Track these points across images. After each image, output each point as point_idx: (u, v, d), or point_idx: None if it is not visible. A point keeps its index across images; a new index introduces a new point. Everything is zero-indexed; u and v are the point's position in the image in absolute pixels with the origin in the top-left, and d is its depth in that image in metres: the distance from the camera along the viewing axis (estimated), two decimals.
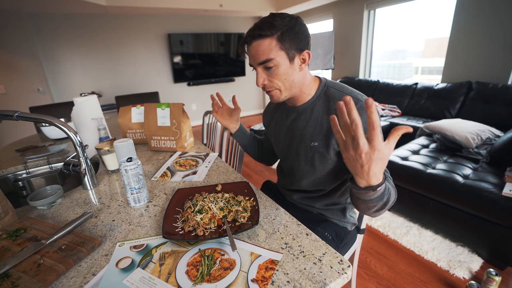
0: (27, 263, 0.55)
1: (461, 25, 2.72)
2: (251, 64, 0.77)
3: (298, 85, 0.78)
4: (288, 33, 0.70)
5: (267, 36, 0.70)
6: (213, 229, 0.64)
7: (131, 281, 0.51)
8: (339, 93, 0.78)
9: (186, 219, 0.66)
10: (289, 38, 0.70)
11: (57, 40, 3.71)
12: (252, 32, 0.71)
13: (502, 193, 1.37)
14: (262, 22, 0.71)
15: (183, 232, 0.63)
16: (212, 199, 0.73)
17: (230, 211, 0.69)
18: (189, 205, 0.71)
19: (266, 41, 0.70)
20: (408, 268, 1.47)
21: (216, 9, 4.10)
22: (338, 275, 0.51)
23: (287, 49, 0.71)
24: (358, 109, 0.71)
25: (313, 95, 0.82)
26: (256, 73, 0.77)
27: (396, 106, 3.15)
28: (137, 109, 1.39)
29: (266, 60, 0.72)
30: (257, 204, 0.74)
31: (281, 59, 0.72)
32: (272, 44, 0.70)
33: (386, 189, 0.60)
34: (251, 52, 0.74)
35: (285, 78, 0.75)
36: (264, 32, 0.69)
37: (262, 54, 0.71)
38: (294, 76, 0.76)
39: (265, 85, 0.77)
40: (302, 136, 0.84)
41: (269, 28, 0.69)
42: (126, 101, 2.69)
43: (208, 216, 0.66)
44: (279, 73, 0.74)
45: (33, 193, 0.82)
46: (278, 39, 0.70)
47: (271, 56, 0.71)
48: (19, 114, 0.78)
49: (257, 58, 0.73)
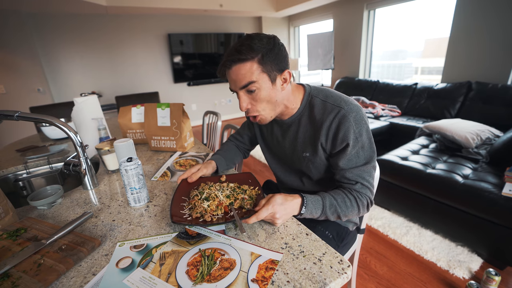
0: (28, 263, 0.55)
1: (461, 25, 2.72)
2: (232, 89, 0.74)
3: (282, 102, 0.77)
4: (268, 55, 0.68)
5: (247, 60, 0.68)
6: (220, 215, 0.67)
7: (131, 281, 0.51)
8: (323, 103, 0.77)
9: (193, 206, 0.68)
10: (270, 60, 0.69)
11: (57, 40, 3.71)
12: (231, 57, 0.68)
13: (502, 193, 1.37)
14: (241, 44, 0.68)
15: (190, 218, 0.65)
16: (218, 187, 0.76)
17: (236, 199, 0.72)
18: (195, 193, 0.74)
19: (246, 64, 0.68)
20: (408, 268, 1.47)
21: (216, 9, 4.10)
22: (338, 275, 0.51)
23: (269, 71, 0.70)
24: (340, 118, 0.72)
25: (299, 107, 0.81)
26: (238, 97, 0.74)
27: (396, 106, 3.15)
28: (137, 109, 1.39)
29: (248, 83, 0.70)
30: (262, 192, 0.77)
31: (263, 82, 0.70)
32: (253, 67, 0.68)
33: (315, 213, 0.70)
34: (231, 77, 0.71)
35: (268, 100, 0.73)
36: (244, 56, 0.67)
37: (243, 78, 0.69)
38: (277, 96, 0.74)
39: (248, 109, 0.76)
40: (294, 148, 0.86)
41: (249, 52, 0.67)
42: (126, 101, 2.70)
43: (215, 203, 0.69)
44: (262, 95, 0.72)
45: (33, 193, 0.82)
46: (259, 62, 0.68)
47: (253, 78, 0.69)
48: (19, 114, 0.78)
49: (238, 82, 0.71)
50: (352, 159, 0.74)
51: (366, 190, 0.74)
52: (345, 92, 3.85)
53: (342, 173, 0.75)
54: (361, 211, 0.74)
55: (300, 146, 0.83)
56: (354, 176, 0.74)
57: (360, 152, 0.73)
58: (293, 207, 0.67)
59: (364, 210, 0.75)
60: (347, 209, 0.72)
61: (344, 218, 0.74)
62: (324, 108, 0.76)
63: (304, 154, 0.83)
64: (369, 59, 4.00)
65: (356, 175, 0.74)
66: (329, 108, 0.75)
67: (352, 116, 0.72)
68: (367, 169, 0.74)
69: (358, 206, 0.73)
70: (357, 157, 0.74)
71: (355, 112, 0.73)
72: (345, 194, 0.73)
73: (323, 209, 0.70)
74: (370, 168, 0.75)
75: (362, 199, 0.73)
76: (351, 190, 0.74)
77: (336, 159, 0.76)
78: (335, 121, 0.73)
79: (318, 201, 0.70)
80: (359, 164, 0.74)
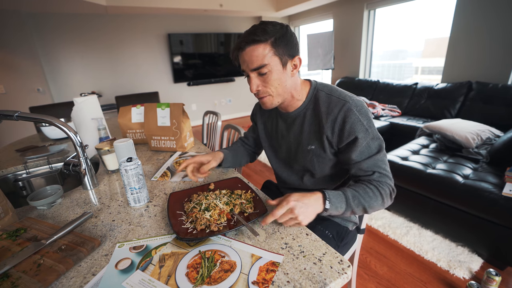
0: (27, 263, 0.55)
1: (461, 25, 2.72)
2: (244, 70, 0.76)
3: (290, 90, 0.79)
4: (281, 39, 0.71)
5: (261, 42, 0.70)
6: (224, 223, 0.66)
7: (130, 284, 0.50)
8: (328, 96, 0.79)
9: (195, 219, 0.67)
10: (282, 44, 0.71)
11: (57, 40, 3.71)
12: (245, 38, 0.71)
13: (502, 193, 1.37)
14: (255, 28, 0.71)
15: (196, 232, 0.63)
16: (214, 196, 0.75)
17: (235, 205, 0.72)
18: (192, 205, 0.71)
19: (260, 46, 0.70)
20: (408, 268, 1.46)
21: (216, 9, 4.10)
22: (338, 275, 0.50)
23: (280, 54, 0.72)
24: (346, 110, 0.73)
25: (304, 100, 0.83)
26: (249, 80, 0.76)
27: (396, 106, 3.15)
28: (137, 109, 1.39)
29: (260, 66, 0.72)
30: (256, 194, 0.77)
31: (274, 65, 0.72)
32: (266, 49, 0.70)
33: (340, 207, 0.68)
34: (244, 58, 0.73)
35: (278, 83, 0.75)
36: (258, 37, 0.69)
37: (256, 59, 0.71)
38: (286, 81, 0.76)
39: (259, 91, 0.77)
40: (298, 142, 0.85)
41: (263, 34, 0.69)
42: (126, 101, 2.69)
43: (216, 212, 0.68)
44: (273, 78, 0.74)
45: (33, 193, 0.82)
46: (272, 45, 0.70)
47: (265, 61, 0.71)
48: (19, 114, 0.78)
49: (251, 64, 0.72)
50: (364, 150, 0.74)
51: (385, 178, 0.74)
52: None
53: (357, 166, 0.75)
54: (385, 200, 0.73)
55: (305, 139, 0.83)
56: (369, 166, 0.74)
57: (371, 143, 0.74)
58: (315, 204, 0.65)
59: (388, 200, 0.74)
60: (370, 199, 0.71)
61: (371, 211, 0.72)
62: (329, 101, 0.77)
63: (310, 147, 0.82)
64: (369, 59, 3.99)
65: (372, 165, 0.74)
66: (334, 101, 0.76)
67: (357, 109, 0.73)
68: (380, 157, 0.74)
69: (381, 195, 0.72)
70: (369, 147, 0.74)
71: (360, 106, 0.74)
72: (365, 185, 0.73)
73: (347, 202, 0.69)
74: (383, 156, 0.75)
75: (383, 187, 0.73)
76: (371, 181, 0.74)
77: (347, 153, 0.76)
78: (340, 114, 0.74)
79: (340, 195, 0.69)
80: (372, 153, 0.74)
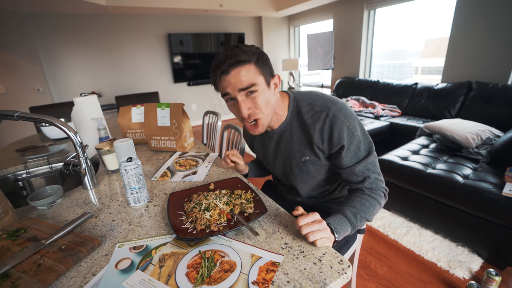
0: (27, 263, 0.55)
1: (461, 25, 2.72)
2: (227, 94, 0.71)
3: (274, 108, 0.78)
4: (261, 58, 0.70)
5: (246, 62, 0.68)
6: (224, 223, 0.66)
7: (130, 284, 0.50)
8: (310, 106, 0.77)
9: (195, 219, 0.67)
10: (263, 63, 0.71)
11: (57, 40, 3.71)
12: (228, 60, 0.67)
13: (502, 193, 1.37)
14: (233, 50, 0.68)
15: (196, 232, 0.63)
16: (214, 196, 0.75)
17: (235, 205, 0.72)
18: (192, 205, 0.71)
19: (245, 67, 0.68)
20: (408, 268, 1.46)
21: (216, 9, 4.10)
22: (338, 275, 0.50)
23: (264, 74, 0.71)
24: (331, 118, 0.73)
25: (287, 114, 0.82)
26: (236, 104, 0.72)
27: (396, 106, 3.15)
28: (137, 109, 1.39)
29: (250, 85, 0.68)
30: (256, 194, 0.77)
31: (261, 84, 0.71)
32: (251, 69, 0.69)
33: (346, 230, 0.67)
34: (229, 81, 0.69)
35: (265, 103, 0.73)
36: (242, 58, 0.67)
37: (245, 79, 0.68)
38: (272, 100, 0.75)
39: (250, 114, 0.73)
40: (291, 155, 0.85)
41: (245, 54, 0.67)
42: (126, 101, 2.69)
43: (216, 212, 0.67)
44: (262, 98, 0.71)
45: (33, 193, 0.82)
46: (256, 64, 0.69)
47: (253, 80, 0.69)
48: (19, 114, 0.78)
49: (238, 85, 0.68)
50: (354, 154, 0.74)
51: (377, 182, 0.76)
52: (345, 92, 3.86)
53: (349, 171, 0.76)
54: (381, 203, 0.76)
55: (297, 152, 0.83)
56: (361, 170, 0.74)
57: (360, 145, 0.74)
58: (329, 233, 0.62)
59: (383, 201, 0.76)
60: (368, 209, 0.72)
61: (372, 218, 0.74)
62: (313, 111, 0.76)
63: (304, 158, 0.82)
64: (369, 59, 3.99)
65: (363, 168, 0.74)
66: (318, 110, 0.75)
67: (342, 114, 0.73)
68: (370, 159, 0.75)
69: (377, 201, 0.74)
70: (358, 150, 0.74)
71: (344, 109, 0.74)
72: (360, 197, 0.73)
73: (351, 223, 0.68)
74: (373, 158, 0.76)
75: (377, 192, 0.75)
76: (364, 190, 0.75)
77: (338, 158, 0.76)
78: (327, 122, 0.74)
79: (342, 220, 0.67)
80: (362, 157, 0.75)
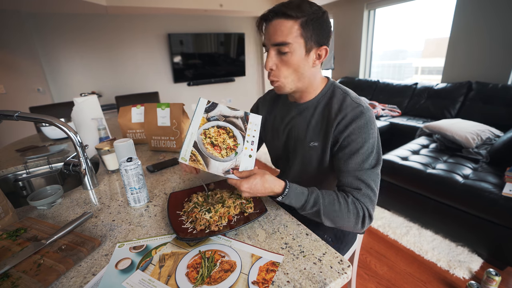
0: (27, 263, 0.55)
1: (461, 25, 2.72)
2: (265, 44, 0.70)
3: (307, 81, 0.74)
4: (313, 22, 0.65)
5: (291, 18, 0.64)
6: (224, 223, 0.66)
7: (130, 283, 0.50)
8: (344, 95, 0.74)
9: (195, 219, 0.67)
10: (313, 28, 0.65)
11: (57, 40, 3.71)
12: (276, 8, 0.65)
13: (502, 193, 1.37)
14: (290, 2, 0.65)
15: (196, 232, 0.63)
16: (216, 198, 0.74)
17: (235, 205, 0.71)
18: (193, 206, 0.71)
19: (288, 22, 0.64)
20: (408, 268, 1.46)
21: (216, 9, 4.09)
22: (338, 275, 0.51)
23: (307, 38, 0.66)
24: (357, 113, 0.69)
25: (318, 93, 0.78)
26: (266, 55, 0.69)
27: (396, 106, 3.15)
28: (137, 109, 1.39)
29: (282, 43, 0.66)
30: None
31: (297, 47, 0.66)
32: (294, 27, 0.64)
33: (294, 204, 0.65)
34: (268, 30, 0.67)
35: (295, 68, 0.69)
36: (290, 12, 0.63)
37: (281, 35, 0.65)
38: (305, 69, 0.70)
39: (272, 71, 0.71)
40: (300, 136, 0.80)
41: (295, 10, 0.63)
42: (126, 101, 2.69)
43: (217, 215, 0.67)
44: (292, 61, 0.68)
45: (33, 193, 0.82)
46: (301, 25, 0.64)
47: (289, 39, 0.65)
48: (19, 114, 0.78)
49: (273, 37, 0.66)
50: (358, 160, 0.68)
51: (365, 198, 0.66)
52: None
53: (345, 175, 0.70)
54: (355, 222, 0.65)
55: (309, 134, 0.78)
56: (356, 179, 0.68)
57: (368, 155, 0.68)
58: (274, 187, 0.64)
59: (358, 224, 0.66)
60: (334, 213, 0.64)
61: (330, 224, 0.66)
62: (344, 100, 0.73)
63: (312, 143, 0.77)
64: (369, 59, 3.99)
65: (360, 179, 0.68)
66: (349, 102, 0.72)
67: (367, 116, 0.69)
68: (372, 174, 0.68)
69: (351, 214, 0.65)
70: (363, 159, 0.68)
71: (371, 114, 0.71)
72: (337, 197, 0.66)
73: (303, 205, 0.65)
74: (375, 175, 0.69)
75: (358, 207, 0.65)
76: (348, 195, 0.67)
77: (341, 158, 0.71)
78: (349, 115, 0.69)
79: (303, 194, 0.65)
80: (364, 167, 0.68)
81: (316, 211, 0.65)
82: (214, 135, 0.69)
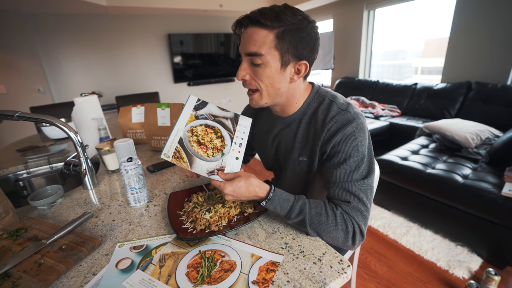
0: (28, 263, 0.55)
1: (461, 25, 2.72)
2: (240, 51, 0.66)
3: (285, 96, 0.69)
4: (291, 33, 0.59)
5: (266, 27, 0.59)
6: (224, 223, 0.66)
7: (130, 283, 0.51)
8: (330, 103, 0.69)
9: (195, 219, 0.67)
10: (290, 40, 0.60)
11: (58, 40, 3.71)
12: (252, 15, 0.60)
13: (502, 193, 1.37)
14: (269, 9, 0.59)
15: (196, 232, 0.63)
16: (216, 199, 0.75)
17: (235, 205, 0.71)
18: (193, 206, 0.71)
19: (262, 31, 0.59)
20: (407, 268, 1.47)
21: (216, 9, 4.10)
22: (338, 275, 0.51)
23: (283, 51, 0.61)
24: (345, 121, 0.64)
25: (302, 104, 0.73)
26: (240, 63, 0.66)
27: (396, 106, 3.15)
28: (137, 109, 1.40)
29: (254, 53, 0.61)
30: None
31: (271, 60, 0.61)
32: (268, 38, 0.59)
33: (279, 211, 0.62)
34: (243, 37, 0.63)
35: (269, 82, 0.64)
36: (264, 21, 0.58)
37: (254, 44, 0.60)
38: (281, 84, 0.65)
39: (245, 81, 0.67)
40: (289, 150, 0.78)
41: (272, 19, 0.58)
42: (127, 101, 2.70)
43: (218, 214, 0.67)
44: (265, 74, 0.63)
45: (34, 193, 0.83)
46: (277, 36, 0.59)
47: (261, 51, 0.60)
48: (19, 114, 0.78)
49: (246, 46, 0.62)
50: (346, 171, 0.63)
51: (355, 212, 0.61)
52: (345, 92, 3.85)
53: (333, 186, 0.65)
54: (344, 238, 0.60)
55: (297, 148, 0.75)
56: (345, 191, 0.63)
57: (358, 165, 0.63)
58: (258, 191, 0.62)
59: (348, 240, 0.60)
60: (321, 224, 0.59)
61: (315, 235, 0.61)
62: (329, 109, 0.68)
63: (301, 158, 0.74)
64: (369, 59, 3.99)
65: (349, 191, 0.63)
66: (335, 110, 0.67)
67: (357, 123, 0.64)
68: (362, 186, 0.63)
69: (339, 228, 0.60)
70: (352, 170, 0.63)
71: (360, 121, 0.65)
72: (325, 207, 0.61)
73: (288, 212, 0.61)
74: (366, 187, 0.63)
75: (347, 222, 0.60)
76: (337, 207, 0.62)
77: (328, 169, 0.67)
78: (336, 124, 0.65)
79: (288, 200, 0.62)
80: (353, 178, 0.63)
81: (301, 220, 0.60)
82: (202, 133, 0.67)
